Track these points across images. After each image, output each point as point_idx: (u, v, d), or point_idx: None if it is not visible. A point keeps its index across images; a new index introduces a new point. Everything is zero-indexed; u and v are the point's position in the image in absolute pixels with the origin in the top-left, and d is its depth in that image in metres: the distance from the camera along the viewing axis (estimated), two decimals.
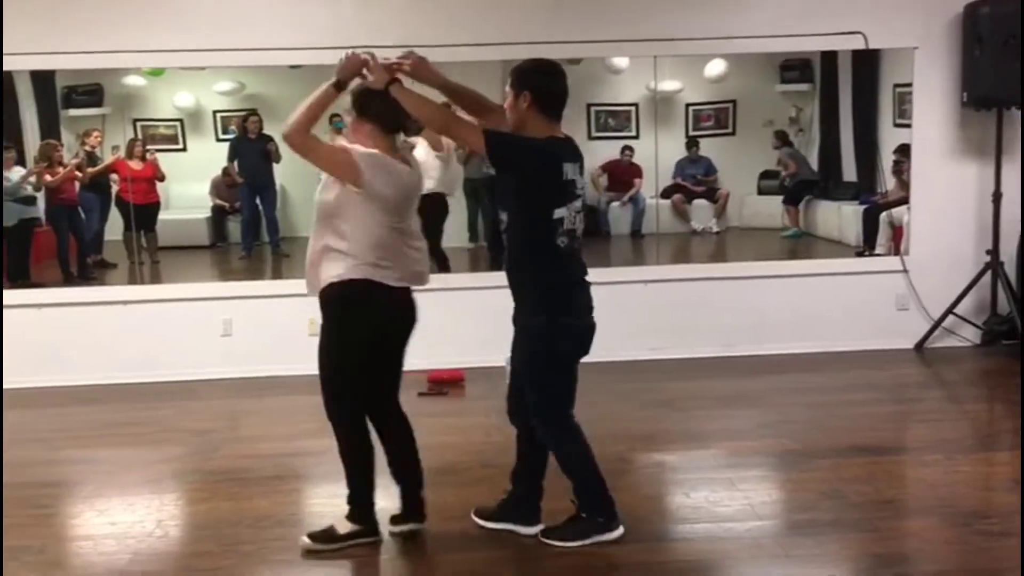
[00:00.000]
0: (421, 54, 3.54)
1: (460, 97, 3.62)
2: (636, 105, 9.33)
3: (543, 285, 3.37)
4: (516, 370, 3.53)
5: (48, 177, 7.30)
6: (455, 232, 7.57)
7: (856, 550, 3.47)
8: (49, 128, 7.92)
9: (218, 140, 8.95)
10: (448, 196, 7.25)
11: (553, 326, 3.35)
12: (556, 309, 3.36)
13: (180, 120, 8.90)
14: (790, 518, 3.78)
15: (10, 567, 3.47)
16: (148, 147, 8.06)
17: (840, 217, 8.35)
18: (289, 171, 8.55)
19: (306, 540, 3.53)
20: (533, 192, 3.34)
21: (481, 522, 3.69)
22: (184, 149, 8.90)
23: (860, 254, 7.48)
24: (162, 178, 8.03)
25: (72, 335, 6.15)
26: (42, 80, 7.75)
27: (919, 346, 6.39)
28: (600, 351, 6.21)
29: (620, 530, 3.53)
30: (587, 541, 3.48)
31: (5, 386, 5.97)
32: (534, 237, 3.36)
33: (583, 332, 3.47)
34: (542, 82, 3.38)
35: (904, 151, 6.81)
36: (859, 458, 4.36)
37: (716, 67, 8.67)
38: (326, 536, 3.54)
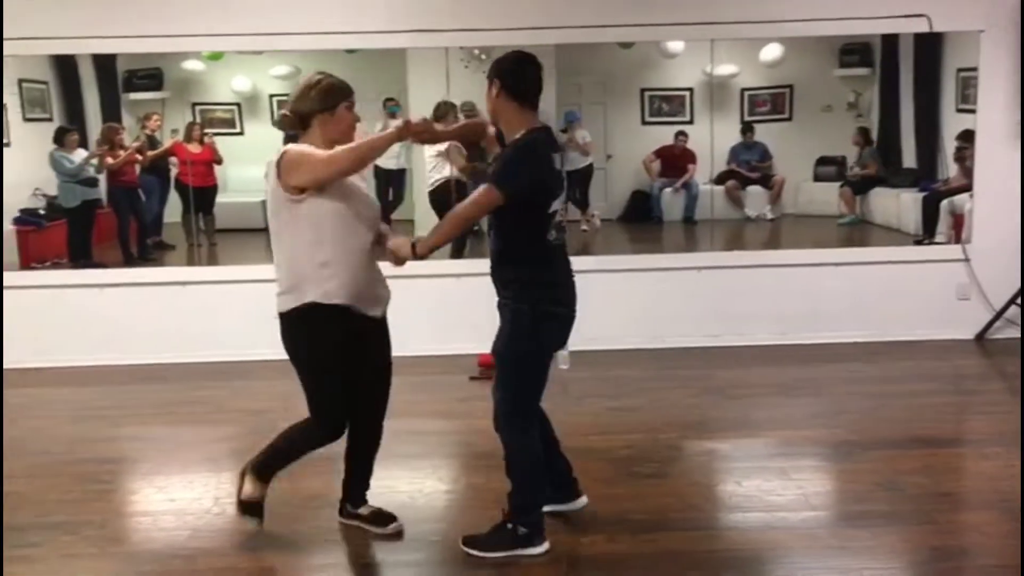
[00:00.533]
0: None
1: (458, 138, 3.57)
2: (691, 90, 9.24)
3: (527, 279, 3.30)
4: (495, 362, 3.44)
5: (109, 160, 7.44)
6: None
7: (913, 543, 3.41)
8: (110, 111, 8.08)
9: (274, 124, 9.03)
10: None
11: (537, 315, 3.29)
12: (541, 300, 3.31)
13: (237, 104, 9.01)
14: (845, 509, 3.73)
15: (71, 541, 3.56)
16: (206, 131, 8.18)
17: (899, 204, 8.20)
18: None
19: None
20: (537, 194, 3.26)
21: None
22: (241, 133, 9.01)
23: (919, 242, 7.34)
24: (220, 161, 8.13)
25: (132, 315, 6.27)
26: (104, 64, 7.90)
27: (980, 337, 6.26)
28: (653, 338, 6.26)
29: (544, 547, 3.32)
30: (505, 554, 3.30)
31: (69, 363, 6.14)
32: (526, 232, 3.27)
33: (566, 322, 3.42)
34: (511, 71, 3.31)
35: (967, 137, 6.65)
36: (916, 450, 4.29)
37: (773, 51, 8.55)
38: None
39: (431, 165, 7.56)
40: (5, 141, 7.37)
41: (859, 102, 9.07)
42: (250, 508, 3.53)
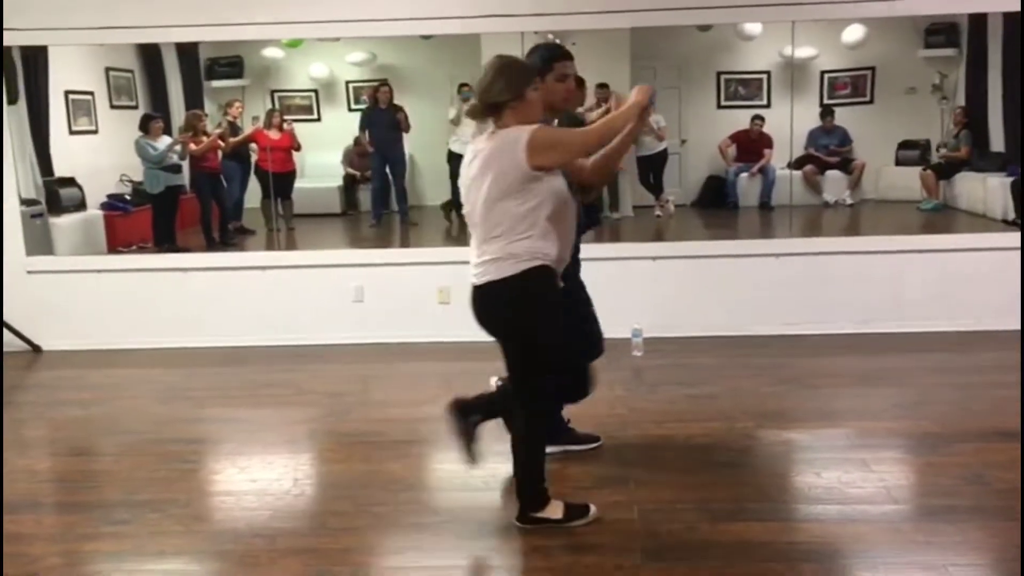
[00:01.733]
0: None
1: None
2: (768, 73, 9.09)
3: None
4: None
5: (193, 146, 7.61)
6: None
7: (1000, 539, 3.31)
8: (193, 99, 8.27)
9: (350, 110, 9.17)
10: None
11: None
12: None
13: (315, 91, 9.15)
14: (928, 503, 3.64)
15: (157, 519, 3.66)
16: (285, 117, 8.31)
17: (986, 189, 7.95)
18: (418, 141, 8.70)
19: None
20: None
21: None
22: (318, 119, 9.15)
23: (1008, 228, 7.10)
24: (298, 148, 8.27)
25: (214, 298, 6.42)
26: (186, 52, 8.08)
27: None
28: (729, 325, 6.18)
29: None
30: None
31: (154, 345, 6.32)
32: None
33: None
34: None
35: None
36: (1004, 443, 4.16)
37: (854, 32, 8.35)
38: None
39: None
40: (93, 128, 7.61)
41: (944, 84, 8.81)
42: (576, 513, 3.51)
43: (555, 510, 3.47)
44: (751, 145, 9.05)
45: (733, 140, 9.16)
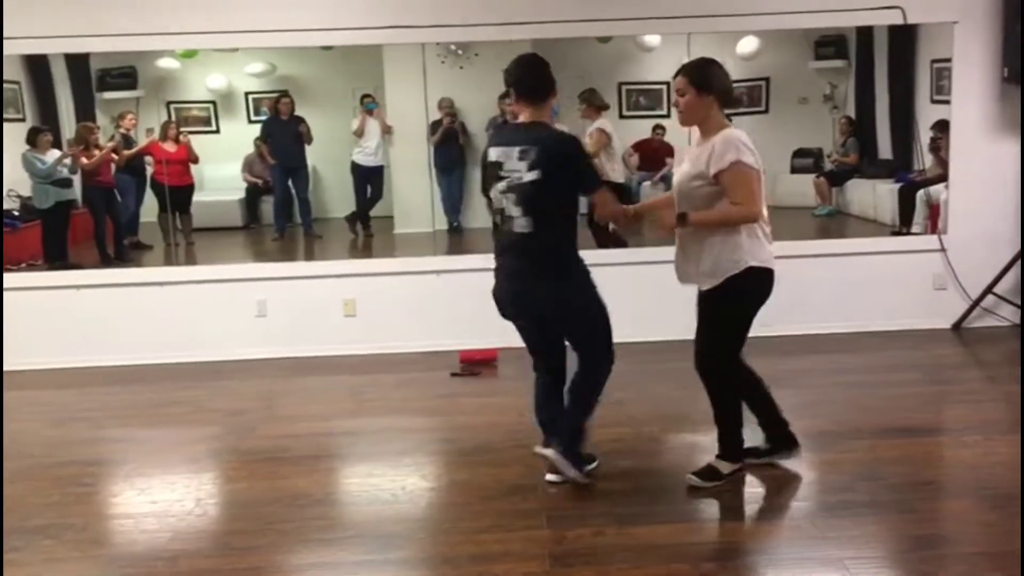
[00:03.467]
0: None
1: None
2: (667, 83, 9.22)
3: None
4: None
5: (84, 160, 7.38)
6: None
7: (894, 531, 3.44)
8: (84, 111, 8.02)
9: (250, 122, 9.01)
10: None
11: None
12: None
13: (213, 102, 8.96)
14: (826, 499, 3.75)
15: (51, 545, 3.53)
16: (182, 129, 8.12)
17: (875, 195, 8.25)
18: (321, 152, 8.61)
19: (691, 478, 3.82)
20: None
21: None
22: (217, 131, 8.97)
23: (896, 233, 7.39)
24: (196, 160, 8.09)
25: (110, 316, 6.22)
26: (77, 63, 7.83)
27: (957, 326, 6.32)
28: (636, 332, 6.26)
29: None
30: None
31: (46, 366, 6.09)
32: None
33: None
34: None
35: (942, 127, 6.70)
36: (896, 439, 4.33)
37: (749, 44, 8.56)
38: (710, 474, 3.82)
39: None
40: None
41: (835, 94, 9.11)
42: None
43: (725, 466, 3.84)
44: (653, 153, 9.20)
45: (635, 149, 9.29)
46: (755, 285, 3.69)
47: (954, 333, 6.27)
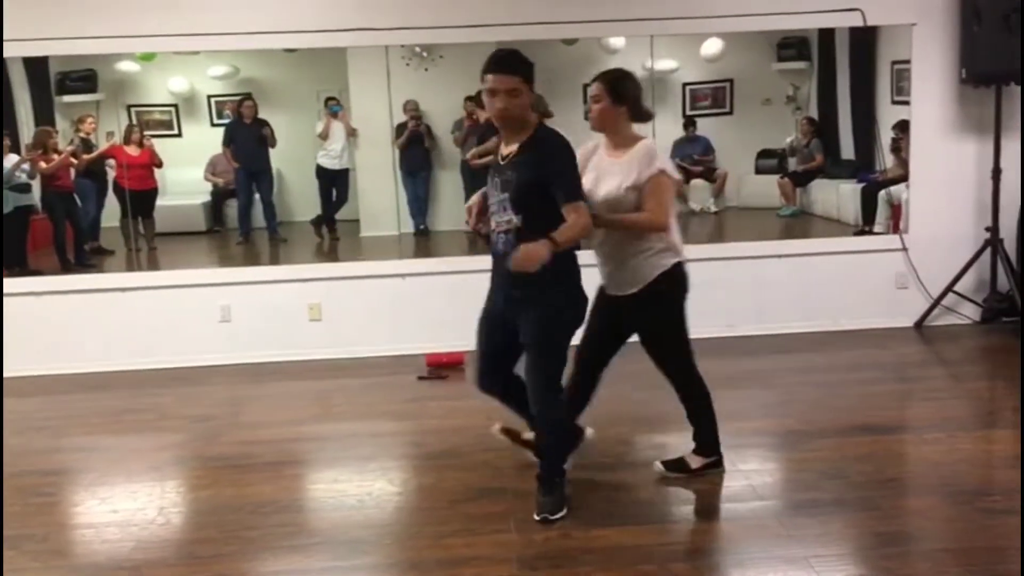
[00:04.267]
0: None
1: None
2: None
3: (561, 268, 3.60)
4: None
5: (43, 164, 7.26)
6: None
7: (859, 529, 3.47)
8: (43, 115, 7.89)
9: (213, 125, 8.92)
10: None
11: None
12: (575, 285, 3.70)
13: (175, 105, 8.86)
14: (792, 498, 3.78)
15: (12, 556, 3.47)
16: (145, 133, 8.03)
17: (838, 195, 8.33)
18: (285, 156, 8.54)
19: (658, 465, 3.95)
20: None
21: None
22: (179, 134, 8.87)
23: (859, 233, 7.46)
24: (159, 164, 8.00)
25: (71, 322, 6.14)
26: (35, 66, 7.70)
27: (919, 324, 6.39)
28: None
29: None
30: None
31: (6, 374, 5.98)
32: None
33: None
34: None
35: (903, 128, 6.78)
36: (861, 437, 4.36)
37: (713, 46, 8.62)
38: (678, 466, 3.93)
39: None
40: None
41: (797, 95, 9.19)
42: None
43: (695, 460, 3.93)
44: None
45: None
46: (682, 279, 3.83)
47: (916, 331, 6.35)
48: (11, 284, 6.34)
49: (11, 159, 7.08)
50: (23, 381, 5.92)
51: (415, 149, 8.42)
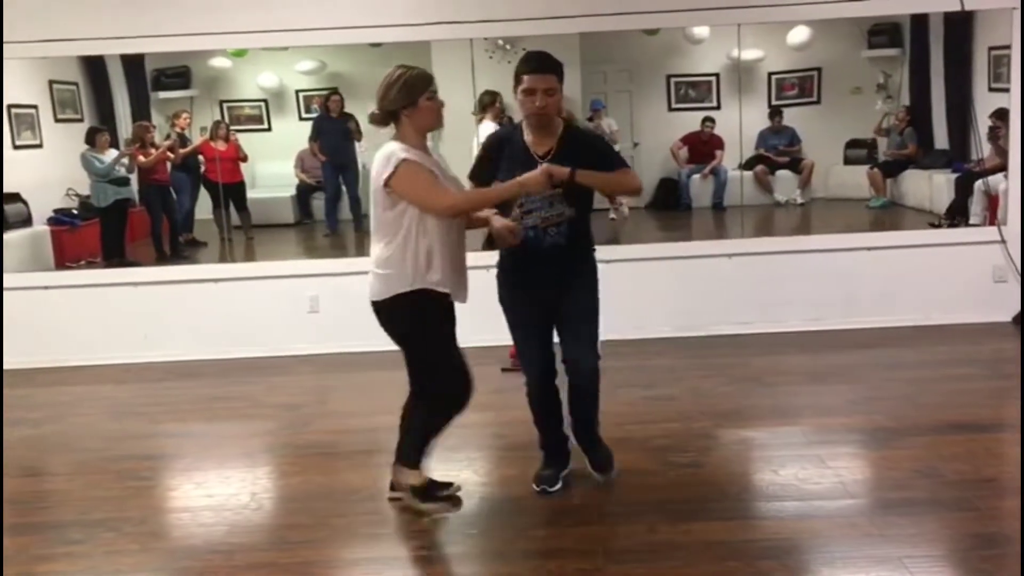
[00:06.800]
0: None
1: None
2: (717, 75, 9.17)
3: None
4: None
5: (141, 158, 7.51)
6: None
7: (954, 530, 3.37)
8: (140, 111, 8.15)
9: (301, 119, 9.09)
10: None
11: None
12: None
13: (264, 100, 9.06)
14: (883, 496, 3.69)
15: (112, 538, 3.60)
16: (230, 128, 8.23)
17: (931, 186, 8.10)
18: (371, 150, 8.64)
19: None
20: None
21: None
22: (269, 129, 9.06)
23: (952, 224, 7.24)
24: (245, 158, 8.18)
25: (167, 312, 6.33)
26: (132, 63, 7.96)
27: (1018, 319, 6.17)
28: (684, 326, 6.23)
29: None
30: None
31: (104, 361, 6.21)
32: None
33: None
34: None
35: (1002, 115, 6.55)
36: (956, 435, 4.24)
37: (800, 34, 8.46)
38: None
39: None
40: (37, 142, 7.46)
41: (888, 83, 8.96)
42: (423, 494, 3.64)
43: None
44: (702, 147, 9.13)
45: (684, 142, 9.23)
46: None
47: (1015, 327, 6.13)
48: (110, 275, 6.58)
49: (111, 154, 7.34)
50: (121, 368, 6.14)
51: None
